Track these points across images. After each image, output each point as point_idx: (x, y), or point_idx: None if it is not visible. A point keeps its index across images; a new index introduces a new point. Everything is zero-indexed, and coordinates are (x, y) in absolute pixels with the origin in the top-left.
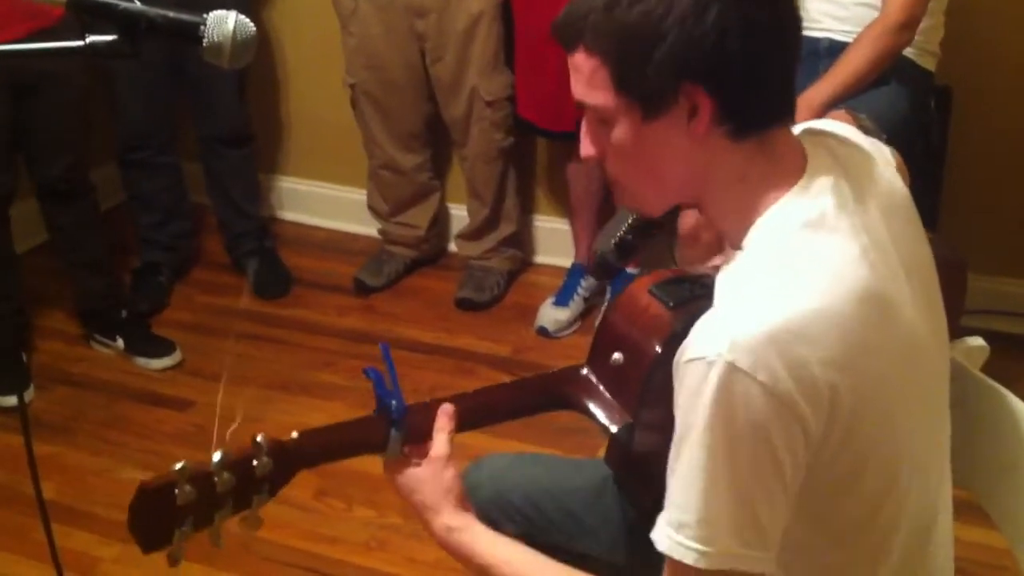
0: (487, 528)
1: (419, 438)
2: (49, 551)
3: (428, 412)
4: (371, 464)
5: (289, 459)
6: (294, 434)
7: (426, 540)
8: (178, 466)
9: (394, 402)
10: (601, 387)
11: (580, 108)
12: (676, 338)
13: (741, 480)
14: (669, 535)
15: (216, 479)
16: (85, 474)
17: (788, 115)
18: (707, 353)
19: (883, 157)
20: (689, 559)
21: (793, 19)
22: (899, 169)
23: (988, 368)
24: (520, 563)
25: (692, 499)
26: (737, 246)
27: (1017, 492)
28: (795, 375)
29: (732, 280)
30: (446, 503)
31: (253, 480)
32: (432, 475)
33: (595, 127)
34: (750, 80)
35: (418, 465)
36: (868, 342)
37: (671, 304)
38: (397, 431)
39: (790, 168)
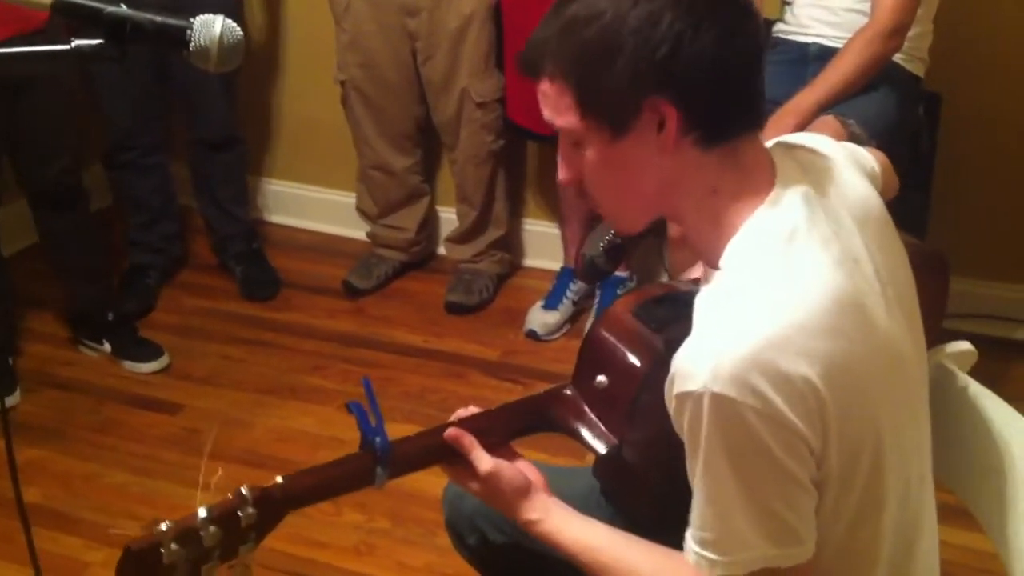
0: (564, 512)
1: (405, 470)
2: (29, 555)
3: (412, 445)
4: None
5: (275, 506)
6: (279, 479)
7: (415, 544)
8: (164, 526)
9: (378, 439)
10: (587, 408)
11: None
12: (661, 361)
13: (756, 493)
14: (694, 550)
15: (202, 534)
16: (73, 478)
17: (755, 123)
18: (693, 386)
19: (860, 164)
20: (716, 570)
21: (748, 21)
22: (884, 171)
23: (974, 371)
24: (595, 546)
25: (710, 518)
26: (714, 265)
27: (1003, 495)
28: (783, 393)
29: (711, 302)
30: (515, 506)
31: (239, 531)
32: (492, 490)
33: (568, 150)
34: (711, 85)
35: (476, 485)
36: (848, 352)
37: (655, 326)
38: (383, 469)
39: (759, 180)
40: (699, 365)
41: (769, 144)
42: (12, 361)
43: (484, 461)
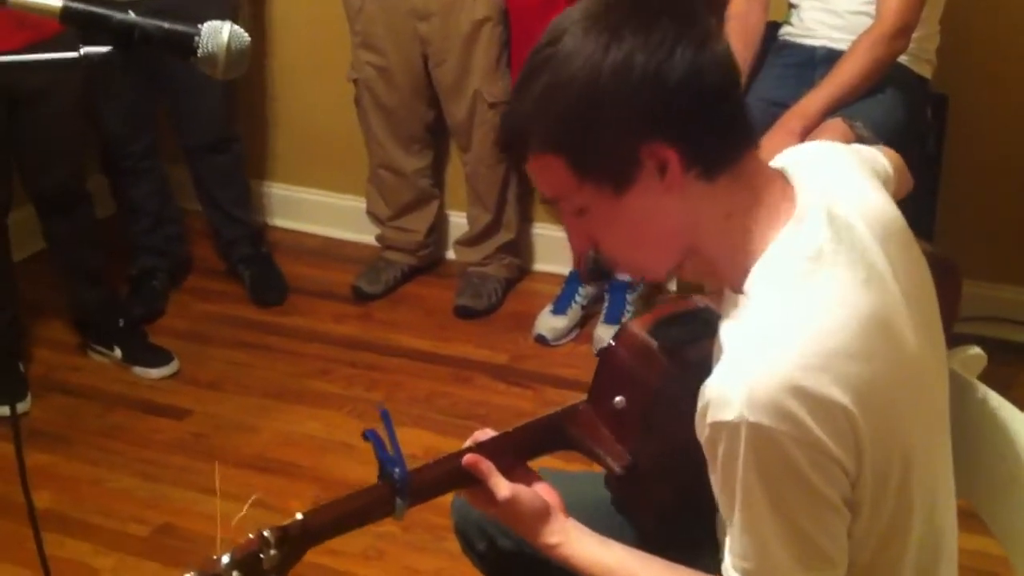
0: (583, 535)
1: (425, 498)
2: (40, 560)
3: (430, 473)
4: (368, 472)
5: (295, 544)
6: (299, 515)
7: (424, 550)
8: (188, 575)
9: (397, 470)
10: (603, 428)
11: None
12: (676, 380)
13: (792, 521)
14: None
15: None
16: (81, 483)
17: (749, 140)
18: (729, 416)
19: (875, 171)
20: None
21: (711, 37)
22: (898, 171)
23: (985, 375)
24: (615, 569)
25: (749, 548)
26: (738, 290)
27: (1015, 501)
28: (818, 418)
29: (739, 329)
30: (535, 530)
31: (261, 572)
32: (512, 515)
33: (575, 220)
34: (698, 112)
35: (496, 510)
36: (878, 373)
37: (671, 346)
38: (403, 499)
39: (774, 198)
40: (733, 394)
41: (784, 160)
42: (23, 367)
43: (502, 487)
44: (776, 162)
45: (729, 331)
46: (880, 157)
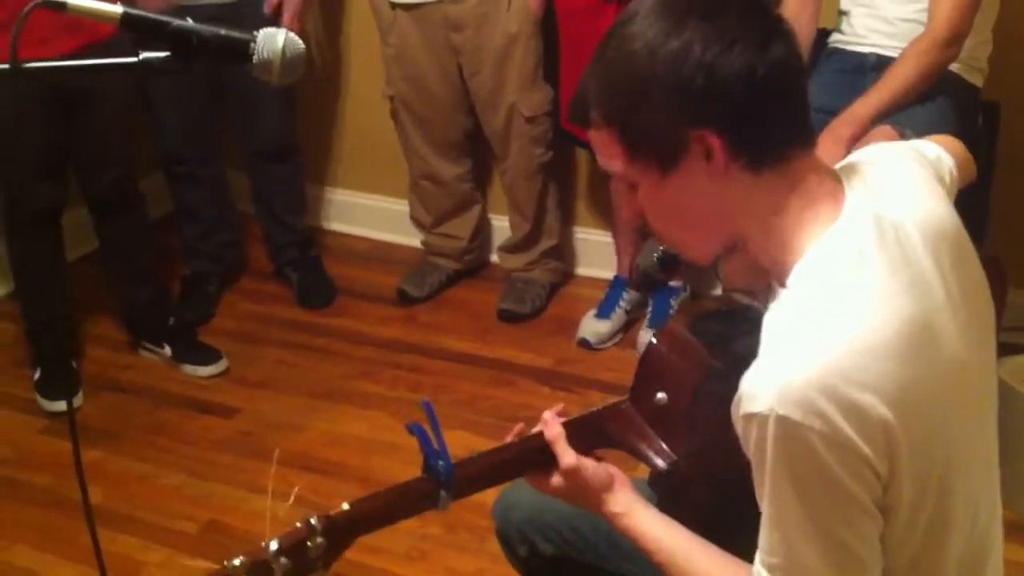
0: (648, 510)
1: (468, 492)
2: (95, 555)
3: (474, 466)
4: (412, 472)
5: (342, 533)
6: (344, 505)
7: (466, 551)
8: (237, 561)
9: (441, 463)
10: (646, 425)
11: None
12: (717, 376)
13: (820, 519)
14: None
15: (273, 567)
16: (130, 479)
17: (804, 139)
18: (759, 408)
19: (938, 174)
20: None
21: (779, 35)
22: (962, 164)
23: None
24: (673, 549)
25: (776, 543)
26: (783, 283)
27: None
28: (850, 418)
29: (778, 324)
30: (599, 498)
31: (308, 560)
32: (576, 483)
33: (626, 192)
34: (751, 106)
35: (559, 480)
36: (915, 378)
37: (711, 341)
38: (446, 492)
39: (825, 199)
40: (766, 387)
41: (844, 163)
42: (76, 364)
43: (568, 455)
44: (838, 165)
45: (769, 325)
46: (944, 157)
